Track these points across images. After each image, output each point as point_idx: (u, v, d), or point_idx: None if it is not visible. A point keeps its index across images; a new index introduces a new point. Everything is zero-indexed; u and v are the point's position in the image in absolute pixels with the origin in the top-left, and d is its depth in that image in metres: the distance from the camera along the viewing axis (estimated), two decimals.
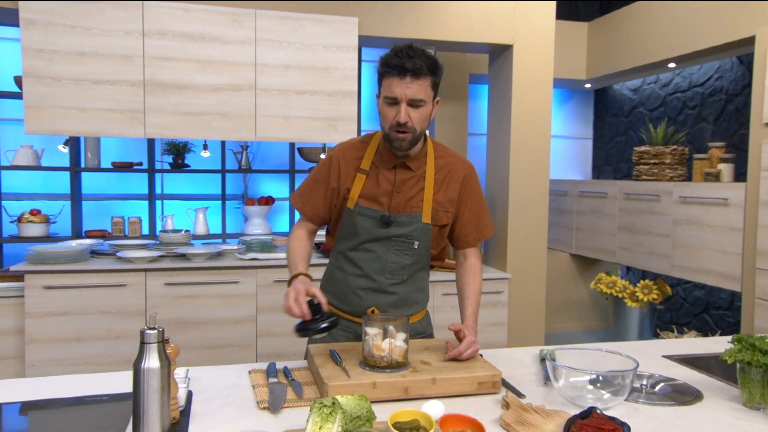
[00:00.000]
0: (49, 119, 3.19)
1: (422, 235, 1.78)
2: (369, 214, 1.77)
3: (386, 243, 1.78)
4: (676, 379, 1.66)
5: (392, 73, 1.63)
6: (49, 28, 3.15)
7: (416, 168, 1.79)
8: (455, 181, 1.82)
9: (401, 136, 1.67)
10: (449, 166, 1.83)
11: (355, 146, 1.84)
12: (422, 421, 1.21)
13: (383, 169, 1.78)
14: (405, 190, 1.77)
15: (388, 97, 1.65)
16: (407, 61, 1.61)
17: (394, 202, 1.77)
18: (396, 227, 1.76)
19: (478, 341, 1.72)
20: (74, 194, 4.15)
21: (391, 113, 1.67)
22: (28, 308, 3.13)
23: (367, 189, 1.78)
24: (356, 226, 1.78)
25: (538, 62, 3.89)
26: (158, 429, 1.24)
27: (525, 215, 3.96)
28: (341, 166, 1.81)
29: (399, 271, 1.80)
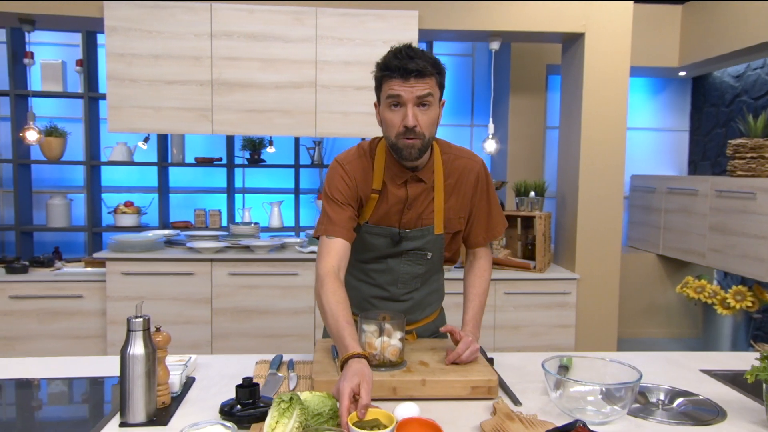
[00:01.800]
0: (128, 118, 3.45)
1: (435, 245, 1.72)
2: (379, 233, 1.69)
3: (398, 257, 1.72)
4: (698, 395, 1.51)
5: (394, 76, 1.50)
6: (129, 34, 3.39)
7: (428, 179, 1.66)
8: (467, 184, 1.70)
9: (410, 142, 1.53)
10: (459, 168, 1.70)
11: (362, 162, 1.66)
12: (383, 420, 1.19)
13: (393, 186, 1.65)
14: (416, 205, 1.67)
15: (392, 99, 1.51)
16: (409, 62, 1.48)
17: (405, 219, 1.67)
18: (408, 242, 1.69)
19: (480, 343, 1.65)
20: (161, 188, 4.45)
21: (396, 118, 1.52)
22: (109, 292, 3.41)
23: (378, 209, 1.67)
24: (366, 243, 1.72)
25: (612, 51, 3.66)
26: (143, 411, 1.31)
27: (597, 213, 3.75)
28: (358, 185, 1.65)
29: (412, 281, 1.76)
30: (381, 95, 1.57)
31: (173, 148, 4.44)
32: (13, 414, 1.41)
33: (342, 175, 1.65)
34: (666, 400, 1.50)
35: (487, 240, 1.79)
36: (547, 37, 3.85)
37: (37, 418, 1.40)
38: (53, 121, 4.40)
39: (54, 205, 4.37)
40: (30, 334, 3.44)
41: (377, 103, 1.62)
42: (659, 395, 1.51)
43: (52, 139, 4.29)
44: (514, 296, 3.66)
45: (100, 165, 4.38)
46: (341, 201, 1.63)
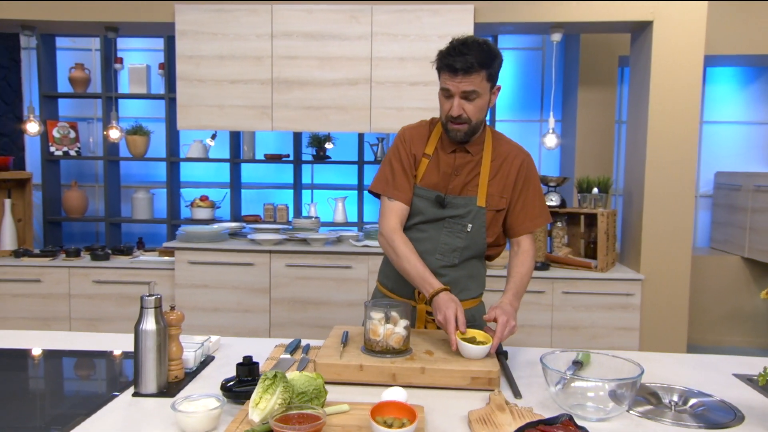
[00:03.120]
0: (196, 116, 3.66)
1: (476, 218, 1.80)
2: (425, 195, 1.81)
3: (439, 224, 1.81)
4: (713, 396, 1.42)
5: (446, 70, 1.67)
6: (197, 37, 3.60)
7: (475, 153, 1.81)
8: (512, 168, 1.83)
9: (456, 127, 1.72)
10: (506, 153, 1.84)
11: (421, 130, 1.88)
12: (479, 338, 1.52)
13: (443, 153, 1.82)
14: (463, 174, 1.80)
15: (443, 90, 1.70)
16: (458, 60, 1.63)
17: (451, 185, 1.80)
18: (451, 209, 1.79)
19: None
20: (233, 183, 4.68)
21: (446, 106, 1.72)
22: (177, 279, 3.64)
23: (428, 172, 1.82)
24: (413, 206, 1.82)
25: (684, 39, 3.45)
26: (154, 383, 1.41)
27: (665, 211, 3.55)
28: (416, 147, 1.84)
29: (450, 253, 1.82)
30: (439, 82, 1.74)
31: (244, 145, 4.65)
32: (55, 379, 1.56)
33: (402, 139, 1.86)
34: (680, 401, 1.42)
35: (530, 229, 1.86)
36: (611, 27, 3.70)
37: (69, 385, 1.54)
38: (138, 121, 4.74)
39: (138, 199, 4.71)
40: (110, 316, 3.73)
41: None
42: (673, 396, 1.44)
43: (137, 137, 4.63)
44: (573, 296, 3.55)
45: (179, 162, 4.67)
46: (399, 161, 1.83)
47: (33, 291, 3.74)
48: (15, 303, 3.74)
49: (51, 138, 4.64)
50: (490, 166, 1.81)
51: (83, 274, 3.73)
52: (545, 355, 1.42)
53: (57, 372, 1.63)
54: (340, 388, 1.47)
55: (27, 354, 1.73)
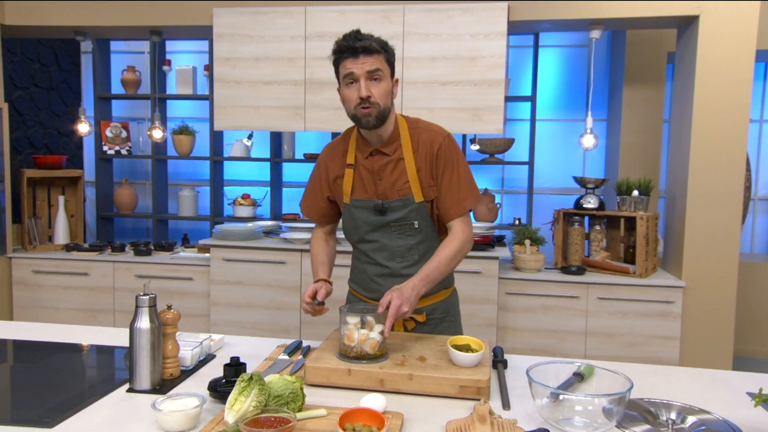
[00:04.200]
0: (232, 117, 3.75)
1: (420, 214, 1.80)
2: (363, 205, 1.82)
3: (386, 230, 1.82)
4: (713, 414, 1.34)
5: (346, 56, 1.70)
6: (234, 39, 3.69)
7: (391, 152, 1.80)
8: (431, 154, 1.79)
9: (366, 111, 1.69)
10: (427, 140, 1.81)
11: (338, 144, 1.89)
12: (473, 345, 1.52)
13: (362, 159, 1.82)
14: (386, 175, 1.79)
15: (347, 77, 1.70)
16: (356, 41, 1.68)
17: (380, 189, 1.80)
18: (391, 213, 1.80)
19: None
20: (273, 182, 4.77)
21: (353, 93, 1.70)
22: (213, 276, 3.74)
23: (356, 182, 1.83)
24: (355, 220, 1.84)
25: (732, 33, 3.27)
26: (148, 380, 1.46)
27: (709, 215, 3.38)
28: (329, 168, 1.88)
29: (407, 253, 1.84)
30: (339, 77, 1.75)
31: (284, 144, 4.73)
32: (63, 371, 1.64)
33: (318, 162, 1.93)
34: (678, 420, 1.35)
35: (458, 212, 1.81)
36: (654, 23, 3.54)
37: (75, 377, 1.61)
38: (185, 121, 4.90)
39: (183, 196, 4.87)
40: None
41: (339, 87, 1.78)
42: (671, 414, 1.37)
43: (183, 137, 4.78)
44: (608, 302, 3.43)
45: (222, 160, 4.79)
46: (315, 186, 1.94)
47: (81, 284, 3.93)
48: (65, 294, 3.94)
49: (104, 138, 4.86)
50: (414, 159, 1.78)
51: (126, 269, 3.89)
52: (533, 367, 1.37)
53: (64, 364, 1.70)
54: (328, 391, 1.48)
55: (42, 346, 1.82)
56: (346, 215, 1.88)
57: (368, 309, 1.57)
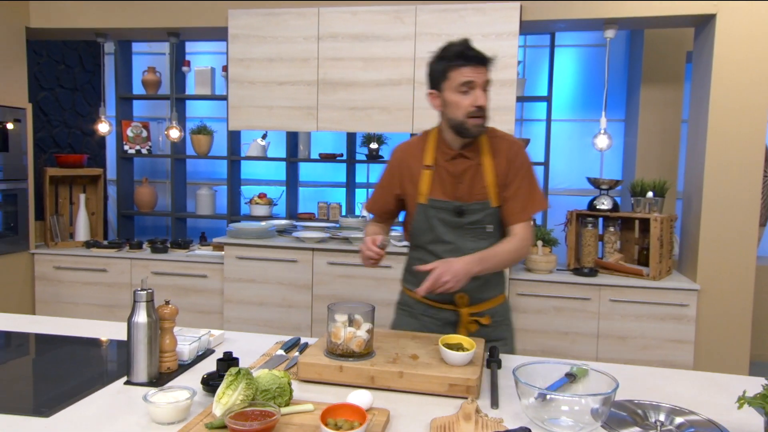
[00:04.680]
0: (246, 117, 3.80)
1: (494, 218, 1.87)
2: (442, 206, 1.86)
3: (461, 232, 1.87)
4: (700, 415, 1.33)
5: (467, 64, 1.74)
6: (248, 40, 3.74)
7: (473, 157, 1.86)
8: (505, 160, 1.87)
9: (479, 120, 1.77)
10: (503, 148, 1.88)
11: (415, 144, 1.95)
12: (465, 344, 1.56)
13: (443, 162, 1.87)
14: (466, 179, 1.86)
15: (464, 84, 1.74)
16: (478, 52, 1.76)
17: (459, 192, 1.86)
18: (469, 215, 1.85)
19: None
20: (289, 181, 4.82)
21: (466, 101, 1.75)
22: (226, 273, 3.80)
23: (434, 183, 1.87)
24: (431, 220, 1.87)
25: (750, 33, 3.21)
26: (145, 373, 1.49)
27: (725, 217, 3.32)
28: (403, 168, 1.92)
29: None
30: (447, 83, 1.78)
31: (300, 144, 4.77)
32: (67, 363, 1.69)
33: (391, 162, 1.97)
34: (666, 421, 1.34)
35: (521, 218, 1.87)
36: (670, 22, 3.49)
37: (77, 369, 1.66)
38: (203, 121, 4.98)
39: (201, 195, 4.94)
40: None
41: (435, 91, 1.84)
42: (660, 415, 1.36)
43: (201, 136, 4.85)
44: (621, 304, 3.40)
45: (239, 160, 4.86)
46: (383, 185, 1.98)
47: (100, 280, 4.02)
48: (84, 290, 4.04)
49: (125, 137, 4.96)
50: (492, 164, 1.85)
51: (143, 266, 3.97)
52: (520, 367, 1.37)
53: (69, 357, 1.75)
54: (320, 387, 1.50)
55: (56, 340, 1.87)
56: (420, 215, 1.90)
57: (357, 307, 1.59)
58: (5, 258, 3.92)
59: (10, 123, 3.91)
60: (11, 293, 3.96)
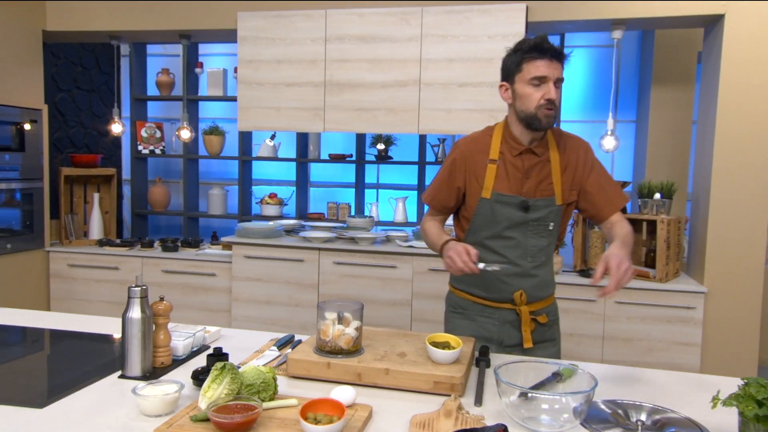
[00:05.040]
0: (254, 118, 3.85)
1: (556, 216, 1.89)
2: (507, 200, 1.86)
3: (524, 228, 1.87)
4: (678, 413, 1.33)
5: (541, 57, 1.75)
6: (257, 42, 3.79)
7: (541, 153, 1.87)
8: (578, 159, 1.89)
9: (550, 112, 1.77)
10: (572, 146, 1.91)
11: (479, 139, 1.94)
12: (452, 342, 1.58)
13: (510, 156, 1.88)
14: (533, 175, 1.86)
15: (537, 78, 1.75)
16: (554, 47, 1.76)
17: (525, 188, 1.86)
18: (534, 211, 1.85)
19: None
20: (299, 181, 4.86)
21: (537, 93, 1.76)
22: (234, 272, 3.85)
23: (499, 177, 1.87)
24: (495, 215, 1.87)
25: (759, 34, 3.17)
26: (139, 367, 1.54)
27: (733, 219, 3.29)
28: (467, 161, 1.91)
29: (538, 253, 1.90)
30: (519, 75, 1.80)
31: (310, 145, 4.81)
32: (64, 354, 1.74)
33: (454, 155, 1.94)
34: (647, 421, 1.34)
35: (614, 209, 1.89)
36: (678, 22, 3.47)
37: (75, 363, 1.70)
38: (216, 122, 5.05)
39: (213, 195, 5.02)
40: (177, 303, 4.01)
41: (507, 84, 1.85)
42: (641, 415, 1.36)
43: (213, 137, 4.92)
44: (627, 306, 3.38)
45: (250, 160, 4.92)
46: (443, 178, 1.96)
47: (112, 277, 4.10)
48: (97, 287, 4.12)
49: (139, 137, 5.05)
50: (559, 161, 1.87)
51: (154, 264, 4.04)
52: (502, 365, 1.39)
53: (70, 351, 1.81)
54: (308, 383, 1.53)
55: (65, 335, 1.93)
56: (483, 209, 1.89)
57: (347, 305, 1.61)
58: (21, 255, 4.02)
59: (27, 124, 4.00)
60: (27, 290, 4.06)
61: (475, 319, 1.96)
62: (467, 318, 1.98)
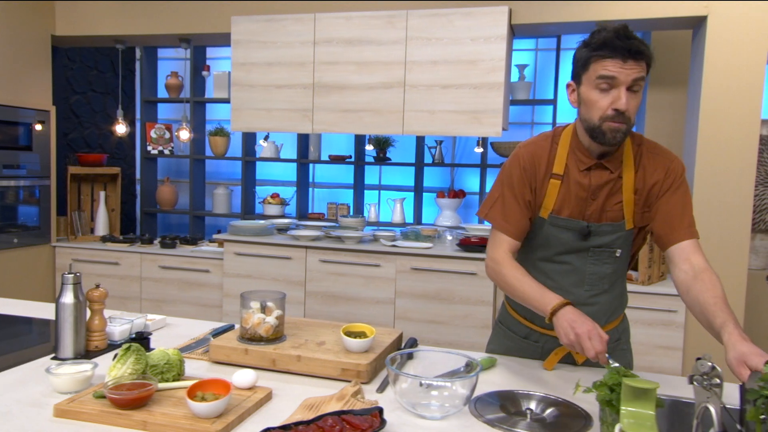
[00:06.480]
0: (247, 119, 3.96)
1: (625, 242, 1.61)
2: (565, 225, 1.60)
3: (583, 254, 1.61)
4: (572, 403, 1.36)
5: (612, 56, 1.43)
6: (249, 45, 3.90)
7: (614, 168, 1.57)
8: (653, 178, 1.57)
9: (617, 126, 1.46)
10: (651, 163, 1.58)
11: (543, 146, 1.64)
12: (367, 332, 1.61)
13: (576, 171, 1.59)
14: (602, 196, 1.58)
15: (604, 80, 1.44)
16: (631, 43, 1.42)
17: (590, 211, 1.59)
18: (596, 237, 1.59)
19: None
20: (299, 182, 4.96)
21: (605, 100, 1.46)
22: (226, 269, 3.97)
23: (562, 197, 1.60)
24: (550, 238, 1.63)
25: (743, 35, 3.13)
26: (71, 349, 1.63)
27: (716, 222, 3.24)
28: (536, 170, 1.62)
29: (599, 282, 1.63)
30: (586, 75, 1.50)
31: (311, 146, 4.91)
32: None
33: (520, 162, 1.63)
34: (537, 410, 1.38)
35: (688, 233, 1.54)
36: (663, 24, 3.44)
37: (9, 345, 1.81)
38: (221, 123, 5.19)
39: (218, 194, 5.16)
40: (172, 298, 4.15)
41: (574, 83, 1.56)
42: (530, 403, 1.39)
43: (218, 138, 5.07)
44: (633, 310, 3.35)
45: (254, 161, 5.04)
46: (514, 189, 1.63)
47: (113, 272, 4.26)
48: (99, 281, 4.27)
49: (149, 138, 5.23)
50: (634, 179, 1.57)
51: (152, 260, 4.18)
52: (397, 354, 1.43)
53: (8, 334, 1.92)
54: (229, 369, 1.59)
55: None
56: (538, 229, 1.65)
57: (270, 294, 1.68)
58: (29, 250, 4.22)
59: (38, 124, 4.20)
60: (34, 283, 4.25)
61: (518, 341, 1.76)
62: (509, 339, 1.78)
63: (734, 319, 1.34)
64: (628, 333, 1.79)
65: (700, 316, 1.45)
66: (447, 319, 3.57)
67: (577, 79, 1.53)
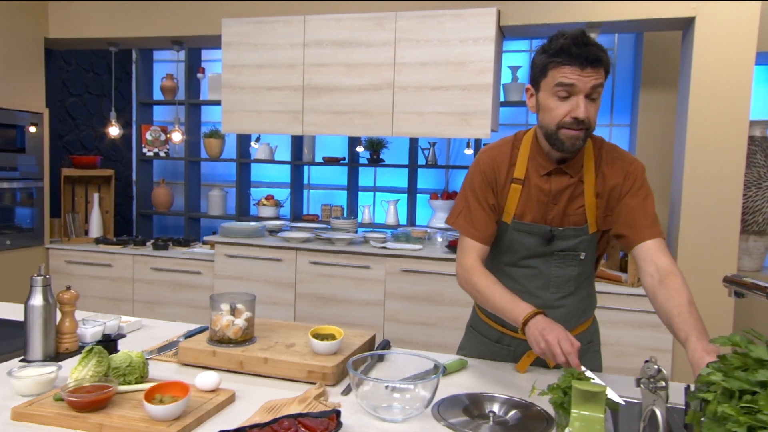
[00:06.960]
0: (237, 121, 3.96)
1: (589, 245, 1.61)
2: (528, 230, 1.61)
3: (548, 258, 1.62)
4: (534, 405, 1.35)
5: (569, 63, 1.42)
6: (240, 47, 3.91)
7: (574, 173, 1.57)
8: (613, 181, 1.57)
9: (575, 133, 1.47)
10: (611, 168, 1.58)
11: (504, 150, 1.64)
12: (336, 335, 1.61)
13: (536, 176, 1.59)
14: (562, 201, 1.58)
15: (562, 87, 1.44)
16: (589, 50, 1.41)
17: (552, 215, 1.59)
18: (560, 241, 1.59)
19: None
20: (293, 184, 4.97)
21: (562, 108, 1.46)
22: (217, 270, 3.97)
23: (523, 202, 1.60)
24: (513, 242, 1.63)
25: (731, 36, 3.10)
26: (40, 351, 1.63)
27: (705, 225, 3.21)
28: (496, 175, 1.62)
29: (565, 284, 1.63)
30: (544, 81, 1.49)
31: (305, 148, 4.91)
32: None
33: (482, 168, 1.64)
34: (501, 412, 1.37)
35: (654, 233, 1.52)
36: (652, 25, 3.42)
37: None
38: (216, 125, 5.20)
39: (213, 196, 5.17)
40: (164, 300, 4.15)
41: (532, 88, 1.55)
42: (494, 406, 1.39)
43: (212, 140, 5.08)
44: (597, 310, 3.31)
45: (248, 162, 5.05)
46: (478, 194, 1.64)
47: (106, 274, 4.27)
48: (92, 284, 4.30)
49: (144, 140, 5.25)
50: (595, 183, 1.57)
51: (144, 262, 4.19)
52: (357, 358, 1.43)
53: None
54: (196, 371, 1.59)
55: None
56: (503, 234, 1.65)
57: (239, 296, 1.68)
58: (23, 251, 4.24)
59: (32, 126, 4.22)
60: (27, 285, 4.25)
61: (490, 346, 1.75)
62: (482, 344, 1.77)
63: (698, 329, 1.32)
64: (598, 334, 1.79)
65: (667, 325, 1.43)
66: (436, 321, 3.56)
67: (535, 84, 1.53)
